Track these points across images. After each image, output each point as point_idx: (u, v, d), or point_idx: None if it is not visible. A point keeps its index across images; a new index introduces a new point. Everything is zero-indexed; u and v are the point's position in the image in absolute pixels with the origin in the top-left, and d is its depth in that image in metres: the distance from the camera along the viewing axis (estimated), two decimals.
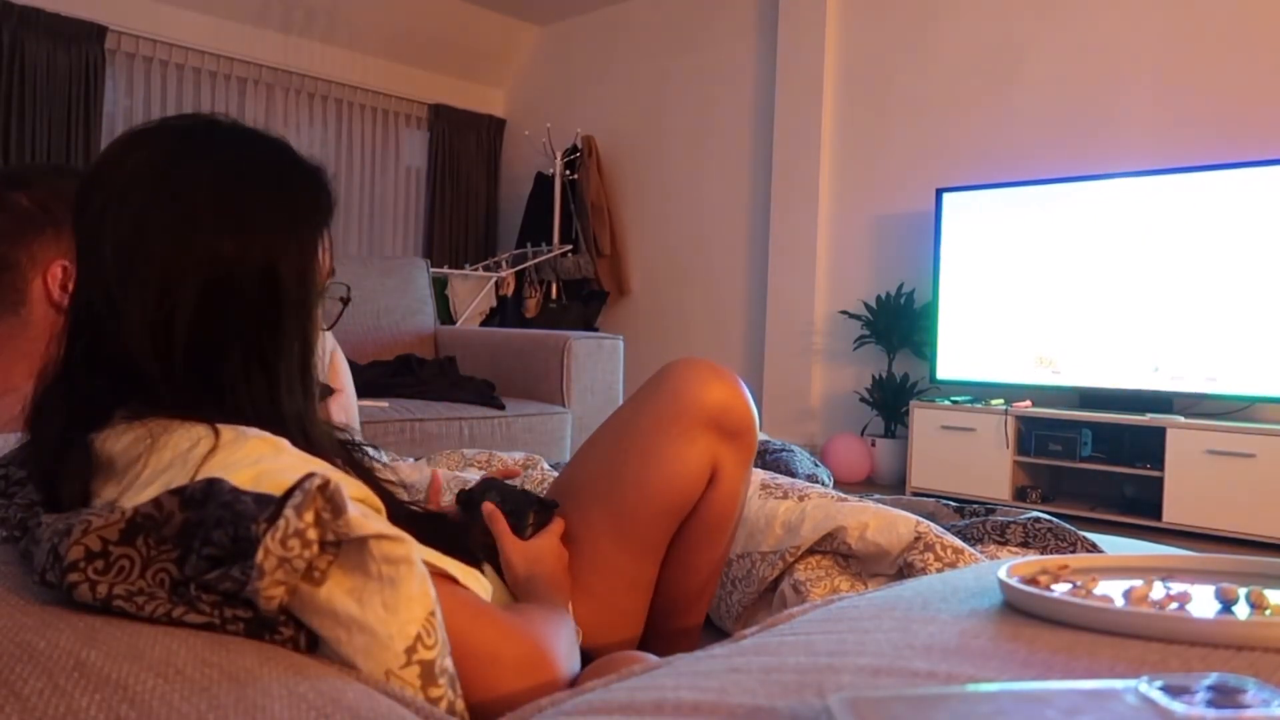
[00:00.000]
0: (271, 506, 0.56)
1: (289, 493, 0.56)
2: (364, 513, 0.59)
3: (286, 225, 0.74)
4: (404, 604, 0.58)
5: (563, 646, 0.76)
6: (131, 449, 0.67)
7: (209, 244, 0.70)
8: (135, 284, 0.69)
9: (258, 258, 0.72)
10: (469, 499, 1.04)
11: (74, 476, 0.68)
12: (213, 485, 0.58)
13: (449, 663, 0.62)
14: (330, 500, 0.56)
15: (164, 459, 0.66)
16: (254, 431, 0.69)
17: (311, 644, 0.59)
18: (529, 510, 0.99)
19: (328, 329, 0.84)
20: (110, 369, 0.71)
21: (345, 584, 0.57)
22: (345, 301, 0.88)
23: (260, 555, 0.54)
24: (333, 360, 2.16)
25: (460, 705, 0.62)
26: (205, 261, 0.70)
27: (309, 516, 0.55)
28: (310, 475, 0.56)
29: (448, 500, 1.43)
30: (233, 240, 0.71)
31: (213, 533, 0.56)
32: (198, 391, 0.71)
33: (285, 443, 0.70)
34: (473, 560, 0.84)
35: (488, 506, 0.99)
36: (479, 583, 0.75)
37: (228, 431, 0.67)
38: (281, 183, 0.76)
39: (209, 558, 0.56)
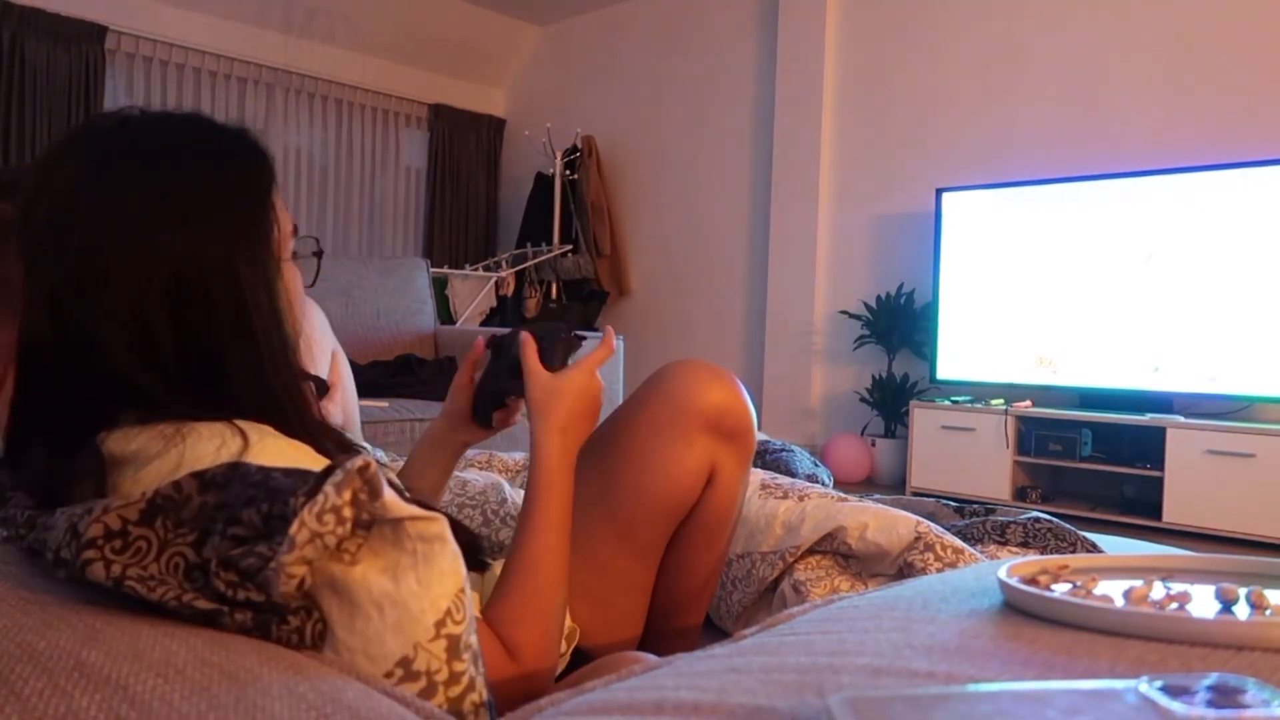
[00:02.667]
0: (311, 481, 0.56)
1: (329, 470, 0.56)
2: (398, 496, 0.60)
3: (225, 203, 0.72)
4: (436, 579, 0.59)
5: (533, 633, 0.80)
6: (150, 447, 0.67)
7: (159, 250, 0.68)
8: (103, 310, 0.67)
9: (211, 247, 0.70)
10: (499, 344, 1.00)
11: (86, 475, 0.67)
12: (237, 468, 0.59)
13: (474, 639, 0.63)
14: (369, 482, 0.57)
15: (203, 454, 0.65)
16: (274, 433, 0.69)
17: (318, 636, 0.59)
18: (558, 338, 0.95)
19: (310, 286, 0.82)
20: (103, 388, 0.69)
21: (379, 563, 0.58)
22: (319, 255, 0.86)
23: (295, 527, 0.54)
24: (333, 361, 2.16)
25: (481, 682, 0.63)
26: (162, 270, 0.68)
27: (347, 495, 0.56)
28: (351, 456, 0.57)
29: (447, 500, 1.43)
30: (181, 239, 0.69)
31: (242, 512, 0.56)
32: (196, 387, 0.70)
33: (307, 449, 0.71)
34: (476, 563, 0.85)
35: (524, 334, 0.95)
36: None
37: (254, 431, 0.68)
38: (210, 161, 0.73)
39: (234, 537, 0.57)
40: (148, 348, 0.68)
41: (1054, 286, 3.74)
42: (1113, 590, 0.59)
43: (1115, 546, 1.45)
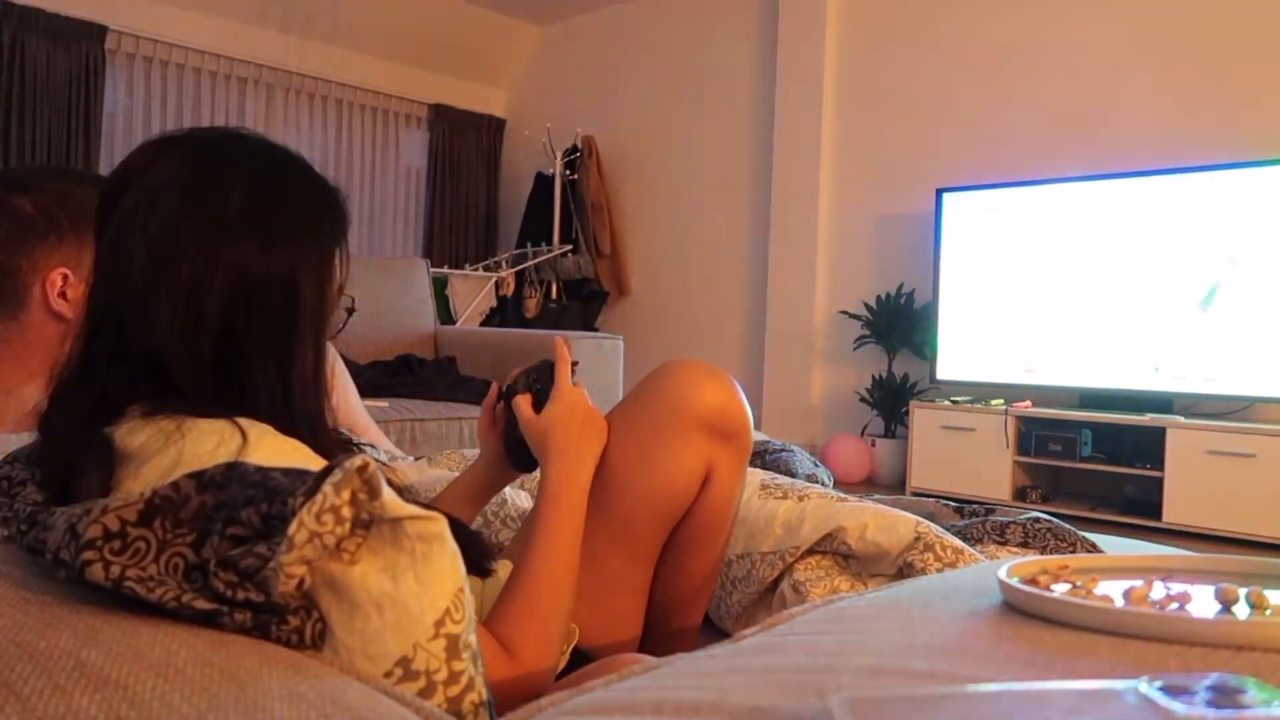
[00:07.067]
0: (310, 481, 0.56)
1: (328, 470, 0.57)
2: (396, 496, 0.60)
3: (308, 239, 0.77)
4: (435, 578, 0.59)
5: (532, 634, 0.82)
6: (151, 443, 0.68)
7: (237, 251, 0.72)
8: (166, 283, 0.71)
9: (280, 268, 0.74)
10: (510, 395, 1.07)
11: (95, 469, 0.69)
12: (235, 467, 0.59)
13: (474, 639, 0.63)
14: (368, 482, 0.57)
15: (202, 450, 0.67)
16: (273, 432, 0.70)
17: (318, 635, 0.59)
18: (547, 381, 1.02)
19: (332, 337, 0.85)
20: (134, 366, 0.72)
21: (378, 563, 0.58)
22: (350, 312, 0.90)
23: (294, 527, 0.54)
24: (332, 368, 2.16)
25: (480, 682, 0.63)
26: (232, 267, 0.72)
27: (345, 494, 0.56)
28: (350, 456, 0.58)
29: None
30: (259, 250, 0.73)
31: (240, 512, 0.56)
32: (221, 390, 0.72)
33: (305, 448, 0.72)
34: (477, 568, 0.85)
35: (518, 400, 1.02)
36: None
37: (253, 429, 0.69)
38: (304, 198, 0.78)
39: (233, 538, 0.57)
40: (192, 335, 0.71)
41: (1054, 286, 3.74)
42: (1113, 590, 0.59)
43: (1115, 546, 1.44)
